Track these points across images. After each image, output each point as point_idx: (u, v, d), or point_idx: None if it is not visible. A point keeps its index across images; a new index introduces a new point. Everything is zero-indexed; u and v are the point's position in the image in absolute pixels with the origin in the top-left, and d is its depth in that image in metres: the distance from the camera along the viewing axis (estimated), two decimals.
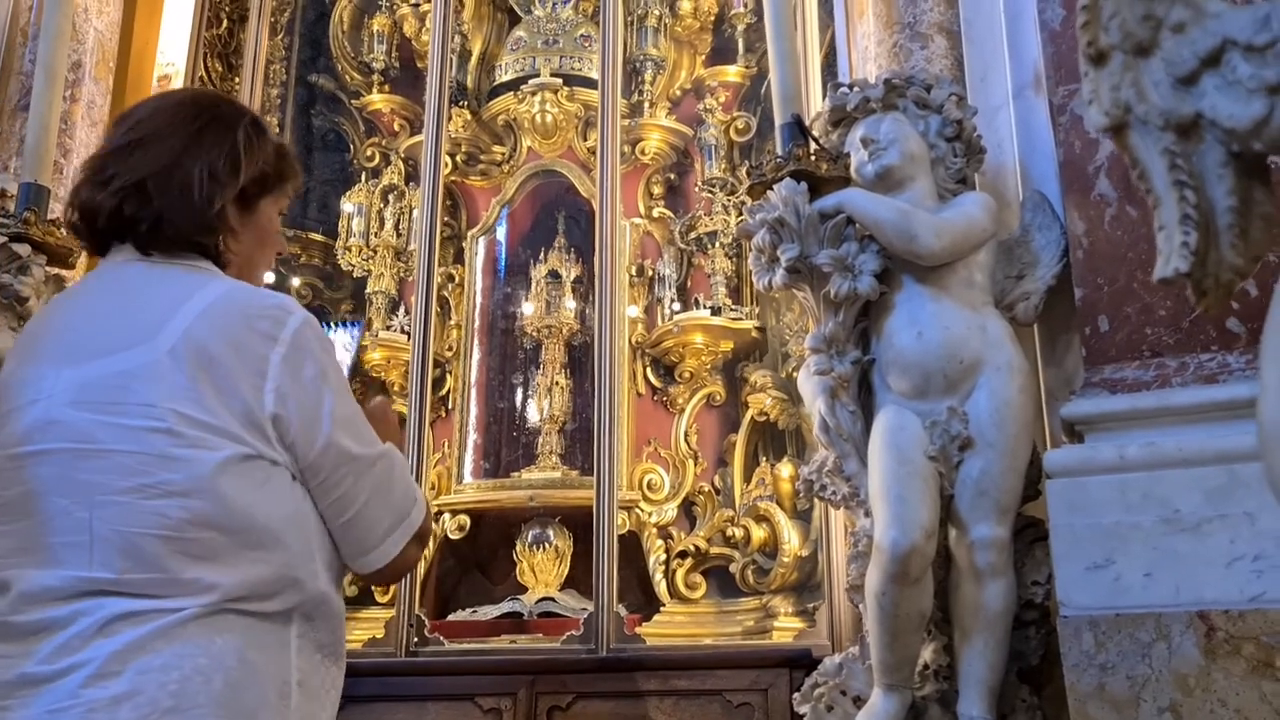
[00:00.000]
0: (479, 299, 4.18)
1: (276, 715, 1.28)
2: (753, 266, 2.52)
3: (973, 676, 2.24)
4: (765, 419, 3.78)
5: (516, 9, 4.56)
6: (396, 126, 4.51)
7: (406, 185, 4.34)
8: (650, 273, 4.08)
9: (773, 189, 2.43)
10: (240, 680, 1.24)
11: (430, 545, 3.58)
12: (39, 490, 1.28)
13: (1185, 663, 1.94)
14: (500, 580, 3.93)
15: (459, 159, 4.30)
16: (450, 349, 4.11)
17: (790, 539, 3.51)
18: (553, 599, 3.68)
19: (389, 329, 4.11)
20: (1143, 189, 0.90)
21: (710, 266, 3.97)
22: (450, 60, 4.20)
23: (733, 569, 3.64)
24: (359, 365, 3.98)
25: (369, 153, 4.50)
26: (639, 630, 3.36)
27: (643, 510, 3.77)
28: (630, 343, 3.92)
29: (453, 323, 4.17)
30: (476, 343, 4.14)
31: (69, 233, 1.52)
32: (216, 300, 1.35)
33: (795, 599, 3.44)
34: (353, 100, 4.60)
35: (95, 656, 1.19)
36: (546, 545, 3.76)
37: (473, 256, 4.23)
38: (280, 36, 4.58)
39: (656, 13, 4.31)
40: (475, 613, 3.70)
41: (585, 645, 3.22)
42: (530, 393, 4.07)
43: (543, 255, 4.14)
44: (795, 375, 3.07)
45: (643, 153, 4.17)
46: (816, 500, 2.92)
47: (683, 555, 3.73)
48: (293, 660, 1.32)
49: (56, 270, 2.77)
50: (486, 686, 3.15)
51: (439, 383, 4.00)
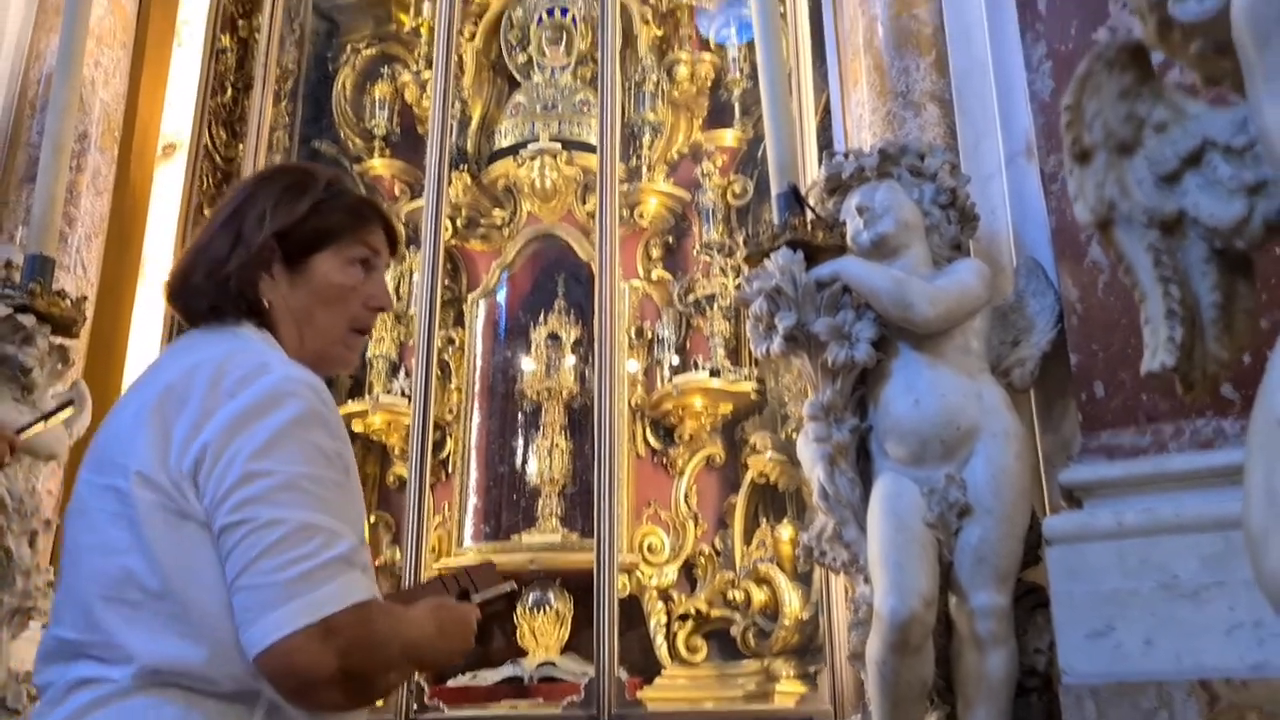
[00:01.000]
0: (479, 362, 4.21)
1: None
2: (751, 334, 2.55)
3: None
4: (765, 480, 3.79)
5: (516, 75, 4.64)
6: (397, 191, 4.56)
7: (407, 249, 4.38)
8: (649, 335, 4.11)
9: (770, 257, 2.46)
10: None
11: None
12: (64, 550, 1.32)
13: None
14: None
15: (459, 223, 4.35)
16: (451, 412, 4.13)
17: (791, 602, 3.50)
18: (553, 663, 3.66)
19: (389, 393, 4.12)
20: (1129, 283, 0.92)
21: (709, 328, 4.00)
22: (451, 126, 4.26)
23: (734, 631, 3.63)
24: None
25: None
26: (640, 695, 3.34)
27: (643, 573, 3.76)
28: (630, 405, 3.94)
29: (453, 386, 4.19)
30: (477, 405, 4.15)
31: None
32: (208, 358, 1.29)
33: (797, 662, 3.43)
34: (354, 165, 4.65)
35: None
36: (547, 609, 3.75)
37: (473, 319, 4.26)
38: (284, 103, 4.64)
39: (654, 78, 4.38)
40: (475, 678, 3.68)
41: (587, 711, 3.20)
42: (530, 455, 4.07)
43: (543, 318, 4.17)
44: (795, 437, 3.09)
45: (641, 216, 4.22)
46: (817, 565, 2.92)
47: (684, 618, 3.72)
48: None
49: (61, 340, 2.79)
50: None
51: (439, 446, 4.01)
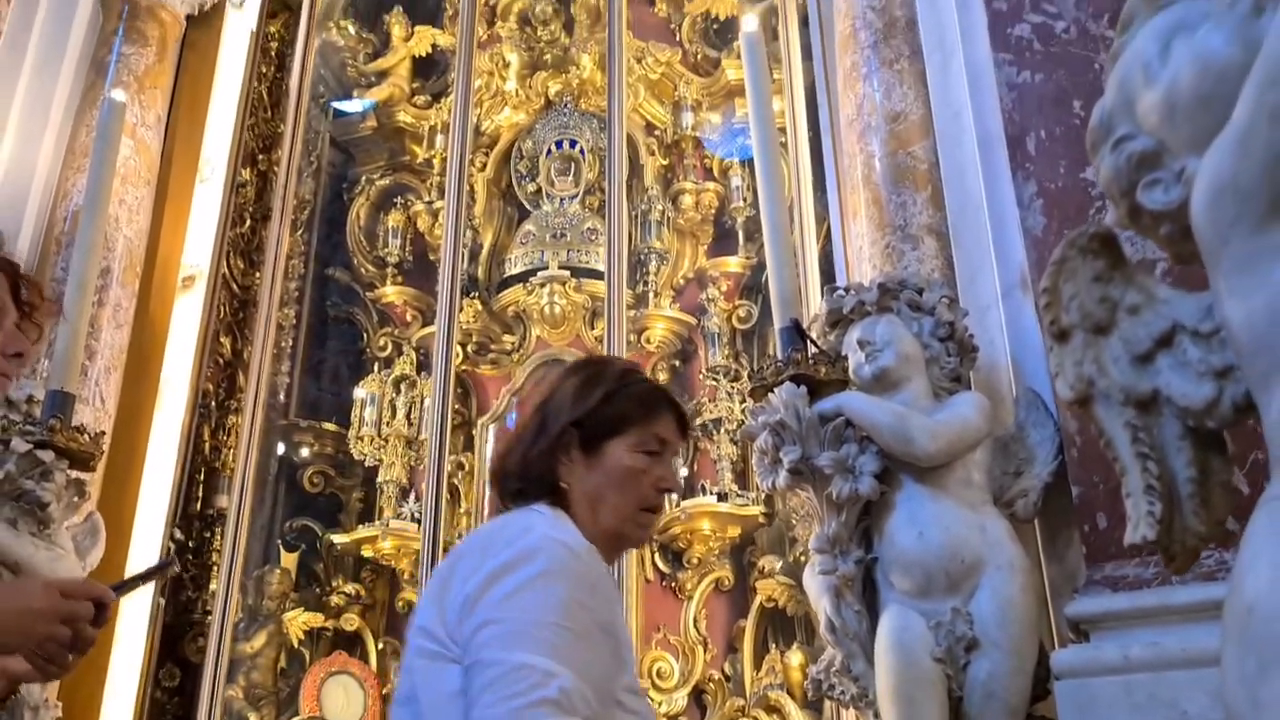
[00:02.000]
0: (489, 487, 4.24)
1: None
2: (756, 467, 2.58)
3: None
4: (774, 604, 3.78)
5: (526, 204, 4.78)
6: (409, 317, 4.66)
7: (418, 374, 4.46)
8: None
9: (774, 392, 2.52)
10: None
11: None
12: None
13: None
14: None
15: (470, 348, 4.44)
16: (460, 536, 4.15)
17: None
18: None
19: (399, 517, 4.15)
20: (1110, 456, 0.97)
21: (716, 452, 4.04)
22: (462, 253, 4.37)
23: None
24: None
25: (382, 342, 4.64)
26: None
27: (653, 699, 3.73)
28: None
29: (462, 510, 4.22)
30: None
31: None
32: (488, 529, 1.52)
33: None
34: (367, 292, 4.77)
35: None
36: None
37: (483, 444, 4.31)
38: (300, 233, 4.78)
39: (660, 207, 4.51)
40: None
41: None
42: None
43: None
44: (803, 560, 3.10)
45: (648, 341, 4.30)
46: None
47: None
48: None
49: (78, 474, 2.84)
50: None
51: None
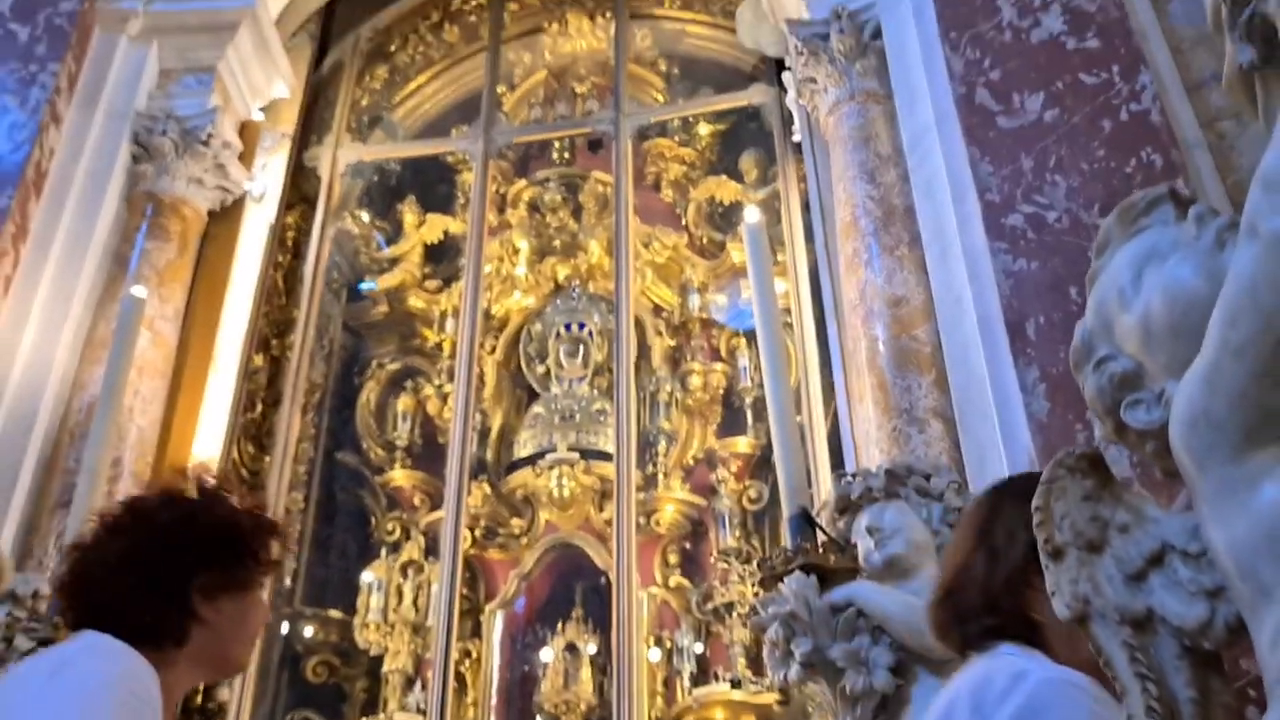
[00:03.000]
0: (496, 674, 4.14)
1: None
2: (768, 660, 2.52)
3: None
4: None
5: (535, 386, 4.83)
6: (417, 501, 4.65)
7: (426, 559, 4.41)
8: (668, 644, 4.05)
9: (784, 581, 2.48)
10: None
11: None
12: None
13: None
14: None
15: (478, 533, 4.40)
16: None
17: None
18: None
19: (404, 709, 4.04)
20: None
21: (728, 636, 3.95)
22: (471, 437, 4.40)
23: None
24: None
25: (390, 527, 4.61)
26: None
27: None
28: (650, 718, 3.84)
29: (469, 700, 4.10)
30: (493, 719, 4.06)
31: None
32: (976, 681, 1.35)
33: None
34: (376, 476, 4.77)
35: None
36: None
37: (490, 630, 4.23)
38: (310, 416, 4.82)
39: (668, 388, 4.55)
40: None
41: None
42: None
43: (560, 628, 4.14)
44: None
45: (658, 523, 4.27)
46: None
47: None
48: None
49: None
50: None
51: None
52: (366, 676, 4.37)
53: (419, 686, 4.13)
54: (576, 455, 4.37)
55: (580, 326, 4.84)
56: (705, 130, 5.24)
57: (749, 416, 4.51)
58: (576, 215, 5.10)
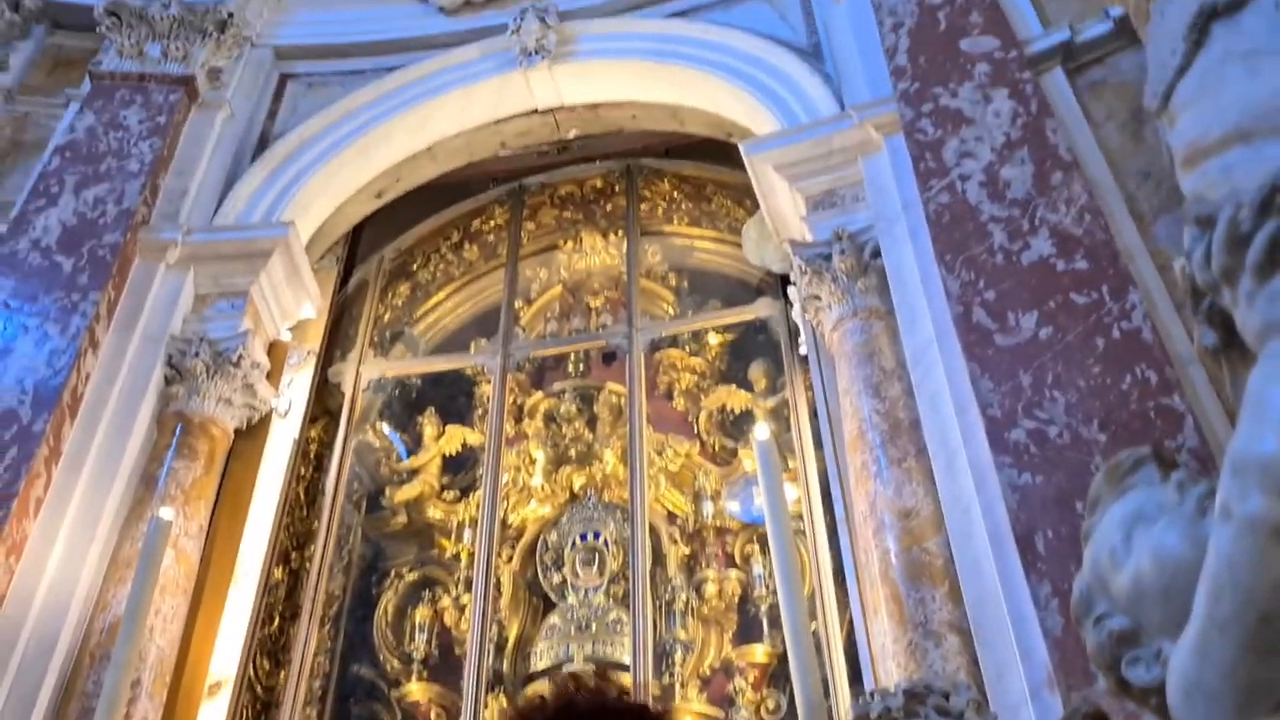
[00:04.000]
0: None
1: None
2: None
3: None
4: None
5: (551, 595, 4.83)
6: (433, 715, 4.59)
7: None
8: None
9: None
10: None
11: None
12: None
13: None
14: None
15: None
16: None
17: None
18: None
19: None
20: None
21: None
22: (488, 649, 4.39)
23: None
24: None
25: None
26: None
27: None
28: None
29: None
30: None
31: None
32: None
33: None
34: (392, 689, 4.72)
35: None
36: None
37: None
38: (327, 629, 4.82)
39: (684, 596, 4.56)
40: None
41: None
42: None
43: None
44: None
45: None
46: None
47: None
48: None
49: None
50: None
51: None
52: None
53: None
54: (593, 667, 4.35)
55: (596, 535, 4.89)
56: (715, 341, 5.43)
57: (765, 624, 4.50)
58: (591, 425, 5.23)
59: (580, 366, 5.44)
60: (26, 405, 3.93)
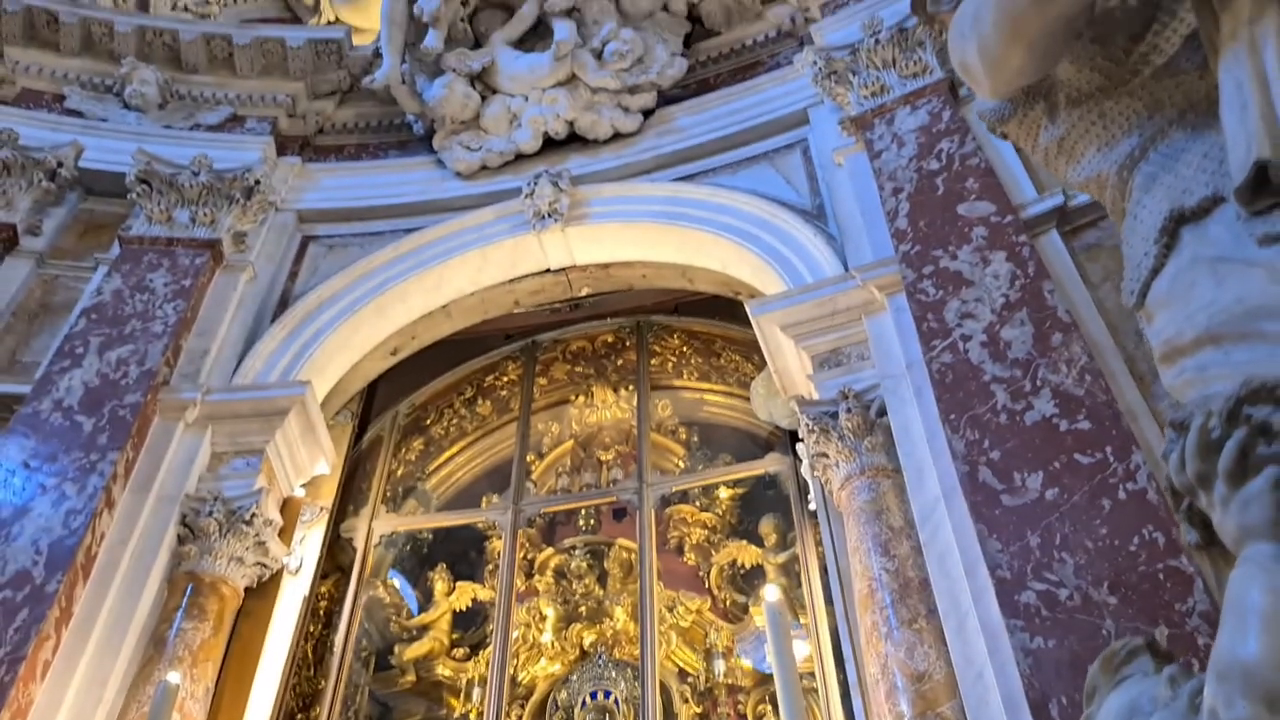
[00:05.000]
0: None
1: None
2: None
3: None
4: None
5: None
6: None
7: None
8: None
9: None
10: None
11: None
12: None
13: None
14: None
15: None
16: None
17: None
18: None
19: None
20: None
21: None
22: None
23: None
24: None
25: None
26: None
27: None
28: None
29: None
30: None
31: None
32: None
33: None
34: None
35: None
36: None
37: None
38: None
39: None
40: None
41: None
42: None
43: None
44: None
45: None
46: None
47: None
48: None
49: None
50: None
51: None
52: None
53: None
54: None
55: (606, 694, 4.83)
56: (725, 494, 5.45)
57: None
58: (602, 581, 5.22)
59: (591, 522, 5.46)
60: (40, 566, 3.95)
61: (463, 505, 5.84)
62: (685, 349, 6.18)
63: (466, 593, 5.33)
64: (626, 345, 6.25)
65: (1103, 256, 4.23)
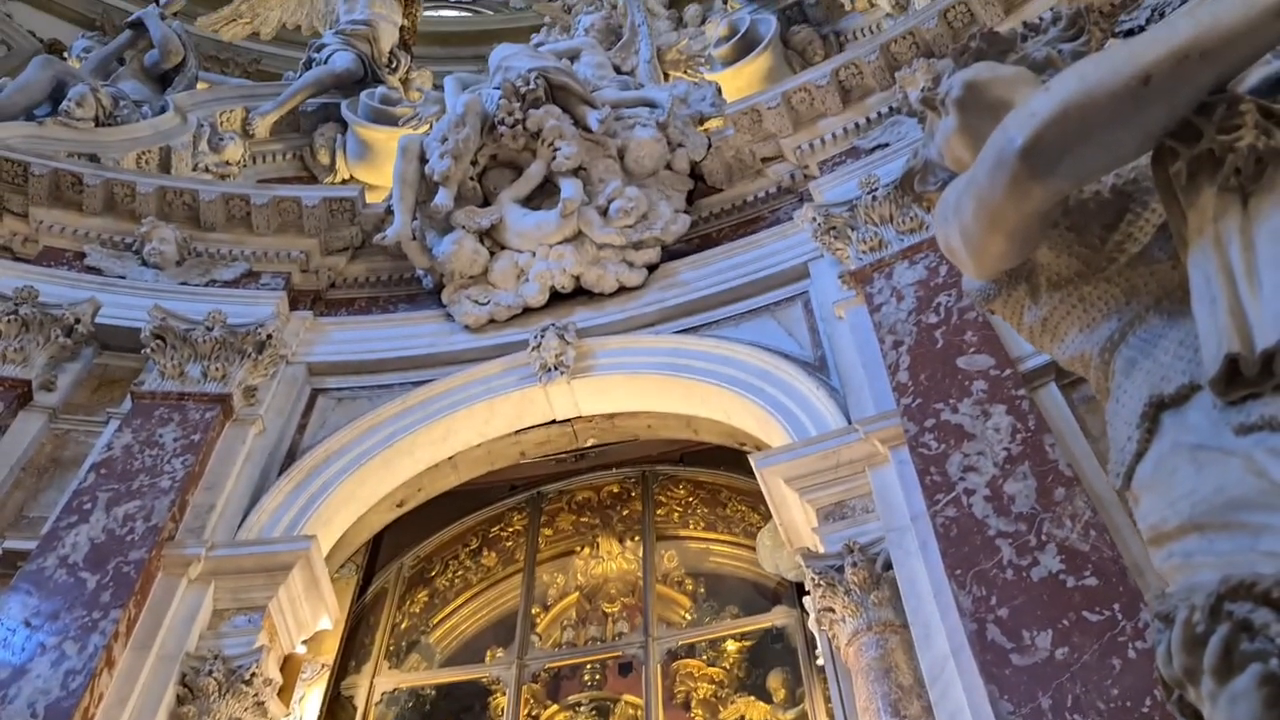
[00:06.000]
0: None
1: None
2: None
3: None
4: None
5: None
6: None
7: None
8: None
9: None
10: None
11: None
12: None
13: None
14: None
15: None
16: None
17: None
18: None
19: None
20: None
21: None
22: None
23: None
24: None
25: None
26: None
27: None
28: None
29: None
30: None
31: None
32: None
33: None
34: None
35: None
36: None
37: None
38: None
39: None
40: None
41: None
42: None
43: None
44: None
45: None
46: None
47: None
48: None
49: None
50: None
51: None
52: None
53: None
54: None
55: None
56: (733, 647, 5.38)
57: None
58: None
59: (596, 677, 5.37)
60: None
61: (467, 659, 5.75)
62: (691, 499, 6.18)
63: None
64: (632, 495, 6.26)
65: (1102, 409, 4.26)
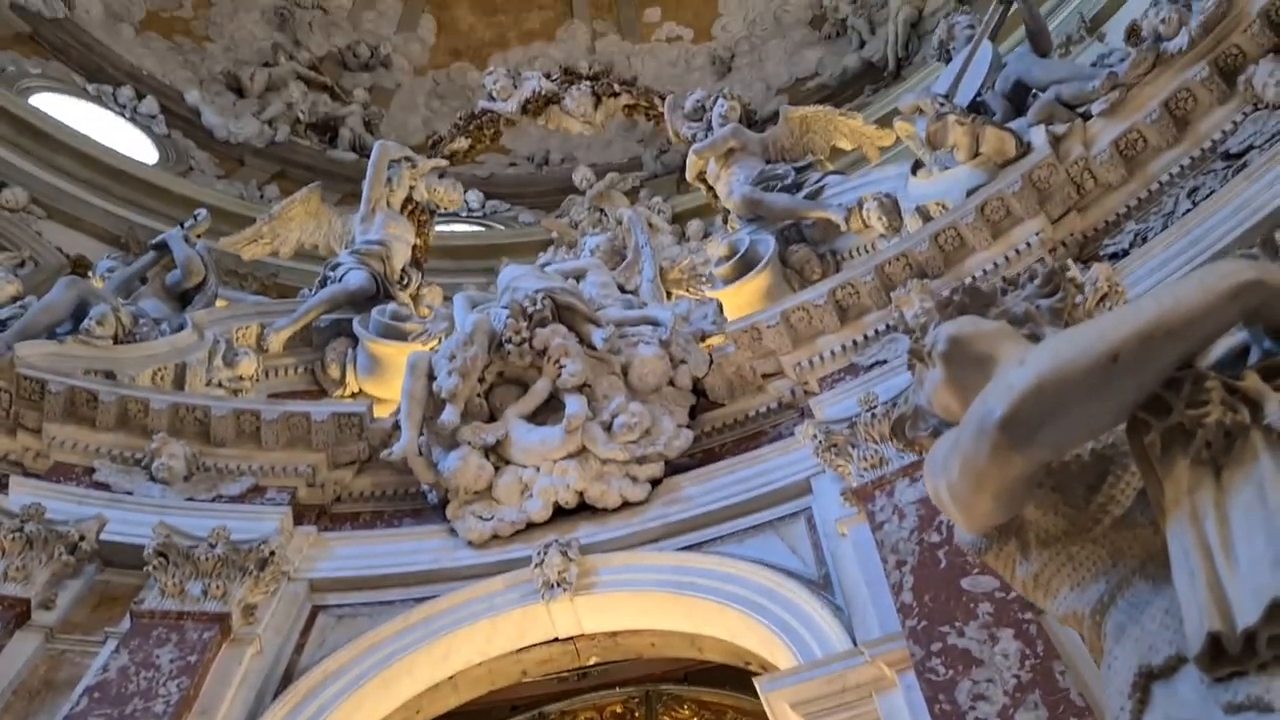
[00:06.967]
0: None
1: None
2: None
3: None
4: None
5: None
6: None
7: None
8: None
9: None
10: None
11: None
12: None
13: None
14: None
15: None
16: None
17: None
18: None
19: None
20: None
21: None
22: None
23: None
24: None
25: None
26: None
27: None
28: None
29: None
30: None
31: None
32: None
33: None
34: None
35: None
36: None
37: None
38: None
39: None
40: None
41: None
42: None
43: None
44: None
45: None
46: None
47: None
48: None
49: None
50: None
51: None
52: None
53: None
54: None
55: None
56: None
57: None
58: None
59: None
60: None
61: None
62: (695, 719, 6.02)
63: None
64: (636, 715, 6.10)
65: None
